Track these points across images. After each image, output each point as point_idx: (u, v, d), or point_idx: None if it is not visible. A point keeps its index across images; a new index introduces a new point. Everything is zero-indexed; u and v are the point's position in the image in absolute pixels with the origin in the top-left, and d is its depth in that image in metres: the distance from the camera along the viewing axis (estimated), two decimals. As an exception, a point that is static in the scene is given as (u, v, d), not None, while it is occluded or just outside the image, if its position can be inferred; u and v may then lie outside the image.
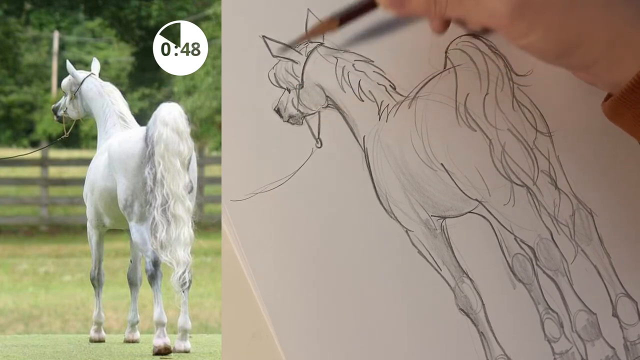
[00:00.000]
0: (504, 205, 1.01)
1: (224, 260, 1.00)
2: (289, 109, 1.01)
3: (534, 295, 0.99)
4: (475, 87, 1.02)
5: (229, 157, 1.00)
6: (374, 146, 1.00)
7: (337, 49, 1.01)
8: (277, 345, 0.97)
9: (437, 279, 0.99)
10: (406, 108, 1.01)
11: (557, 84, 1.02)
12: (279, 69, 1.01)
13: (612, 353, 0.99)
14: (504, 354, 0.98)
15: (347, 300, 0.98)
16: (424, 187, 1.00)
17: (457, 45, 1.02)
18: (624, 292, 1.00)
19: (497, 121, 1.01)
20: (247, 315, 0.99)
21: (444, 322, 0.98)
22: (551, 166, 1.01)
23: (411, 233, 0.99)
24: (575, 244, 1.00)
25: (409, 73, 1.01)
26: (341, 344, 0.98)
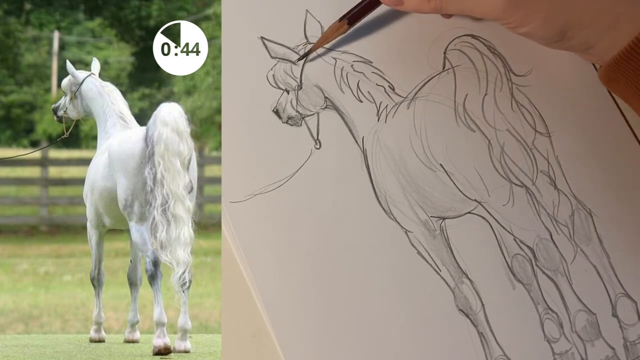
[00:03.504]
0: (503, 206, 1.01)
1: (224, 260, 1.00)
2: (288, 110, 1.01)
3: (533, 295, 0.99)
4: (474, 88, 1.02)
5: (229, 158, 1.00)
6: (373, 147, 1.00)
7: (334, 50, 1.02)
8: (276, 345, 0.97)
9: (436, 279, 0.99)
10: (405, 109, 1.01)
11: (556, 84, 1.02)
12: (278, 70, 1.01)
13: (612, 353, 0.99)
14: (504, 354, 0.98)
15: (346, 300, 0.98)
16: (423, 188, 1.00)
17: (455, 45, 1.02)
18: (624, 292, 1.00)
19: (496, 121, 1.01)
20: (247, 315, 1.00)
21: (443, 323, 0.98)
22: (550, 166, 1.01)
23: (410, 234, 0.99)
24: (574, 244, 1.00)
25: (408, 74, 1.01)
26: (340, 345, 0.98)
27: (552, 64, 1.00)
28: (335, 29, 0.99)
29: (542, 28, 0.90)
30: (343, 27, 0.99)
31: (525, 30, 0.91)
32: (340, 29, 0.99)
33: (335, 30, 0.99)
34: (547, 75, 1.02)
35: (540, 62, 1.01)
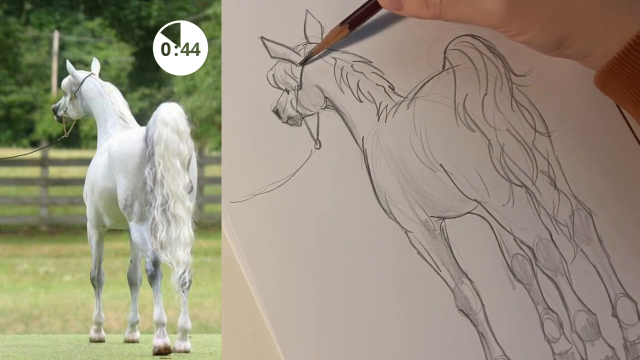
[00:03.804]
0: (503, 206, 1.01)
1: (224, 260, 1.00)
2: (288, 110, 1.01)
3: (533, 295, 0.99)
4: (474, 88, 1.02)
5: (229, 158, 1.00)
6: (373, 147, 1.00)
7: (334, 50, 1.02)
8: (276, 345, 0.97)
9: (436, 279, 0.99)
10: (405, 109, 1.01)
11: (556, 84, 1.02)
12: (278, 70, 1.01)
13: (612, 353, 0.99)
14: (504, 354, 0.98)
15: (346, 300, 0.98)
16: (423, 188, 1.00)
17: (455, 45, 1.02)
18: (624, 292, 1.00)
19: (496, 121, 1.01)
20: (247, 315, 1.00)
21: (443, 323, 0.98)
22: (550, 166, 1.01)
23: (410, 234, 0.99)
24: (574, 244, 1.00)
25: (408, 74, 1.01)
26: (340, 345, 0.98)
27: (552, 64, 1.01)
28: (336, 34, 1.00)
29: (540, 37, 0.91)
30: (344, 31, 1.00)
31: (524, 38, 0.92)
32: (341, 33, 1.00)
33: (336, 34, 1.00)
34: (547, 75, 1.02)
35: (540, 62, 1.01)
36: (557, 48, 0.92)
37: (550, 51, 0.93)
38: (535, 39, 0.91)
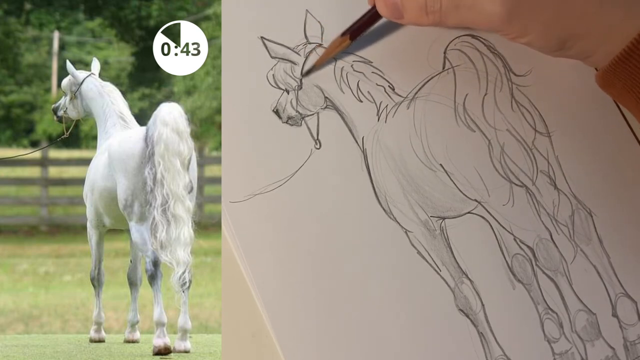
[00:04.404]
0: (503, 206, 1.01)
1: (224, 260, 1.00)
2: (288, 110, 1.01)
3: (533, 295, 0.99)
4: (474, 88, 1.02)
5: (229, 158, 1.00)
6: (373, 147, 1.00)
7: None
8: (276, 345, 0.97)
9: (436, 279, 0.99)
10: (405, 109, 1.01)
11: (556, 84, 1.02)
12: (278, 70, 1.01)
13: (612, 353, 0.99)
14: (504, 354, 0.98)
15: (346, 300, 0.98)
16: (423, 188, 1.00)
17: (455, 45, 1.02)
18: (624, 292, 1.00)
19: (496, 121, 1.01)
20: (247, 315, 0.99)
21: (443, 323, 0.98)
22: (550, 166, 1.01)
23: (410, 234, 0.99)
24: (574, 244, 1.00)
25: (408, 74, 1.01)
26: (340, 345, 0.98)
27: (552, 64, 1.01)
28: (338, 44, 1.00)
29: (541, 39, 0.91)
30: (345, 42, 1.00)
31: (525, 40, 0.92)
32: (343, 44, 1.00)
33: (337, 45, 1.00)
34: (547, 75, 1.02)
35: (540, 62, 1.01)
36: (559, 49, 0.92)
37: (552, 52, 0.93)
38: (537, 41, 0.92)
